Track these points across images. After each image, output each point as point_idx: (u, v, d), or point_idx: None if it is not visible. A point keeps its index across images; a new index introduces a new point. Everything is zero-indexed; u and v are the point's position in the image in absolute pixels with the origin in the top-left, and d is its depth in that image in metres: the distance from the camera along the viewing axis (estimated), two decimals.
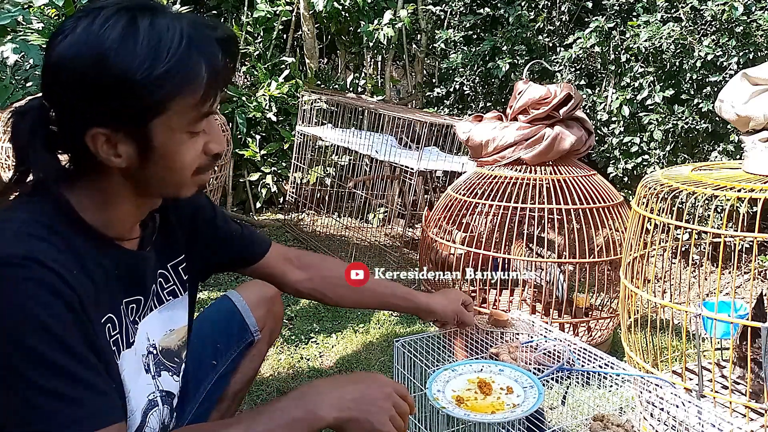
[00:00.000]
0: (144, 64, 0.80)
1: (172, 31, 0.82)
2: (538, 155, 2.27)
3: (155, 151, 0.86)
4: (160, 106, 0.83)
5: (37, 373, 0.75)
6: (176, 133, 0.86)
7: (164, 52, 0.81)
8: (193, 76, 0.83)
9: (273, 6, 4.30)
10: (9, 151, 3.13)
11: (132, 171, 0.88)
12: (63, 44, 0.82)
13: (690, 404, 1.21)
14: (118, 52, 0.80)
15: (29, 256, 0.77)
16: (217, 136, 0.92)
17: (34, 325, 0.76)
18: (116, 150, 0.85)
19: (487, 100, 4.10)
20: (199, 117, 0.87)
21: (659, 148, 3.33)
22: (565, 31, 3.88)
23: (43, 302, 0.77)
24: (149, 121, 0.84)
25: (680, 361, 1.91)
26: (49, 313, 0.77)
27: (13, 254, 0.77)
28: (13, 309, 0.76)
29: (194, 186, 0.94)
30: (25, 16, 3.21)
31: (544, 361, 1.43)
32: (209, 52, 0.85)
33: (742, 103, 1.70)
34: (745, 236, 2.05)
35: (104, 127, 0.83)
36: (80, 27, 0.81)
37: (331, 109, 3.82)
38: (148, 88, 0.81)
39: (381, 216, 3.87)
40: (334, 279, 1.37)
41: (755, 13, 3.03)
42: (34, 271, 0.77)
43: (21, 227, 0.81)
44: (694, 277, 3.05)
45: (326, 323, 2.55)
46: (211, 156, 0.93)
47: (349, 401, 0.92)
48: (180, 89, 0.83)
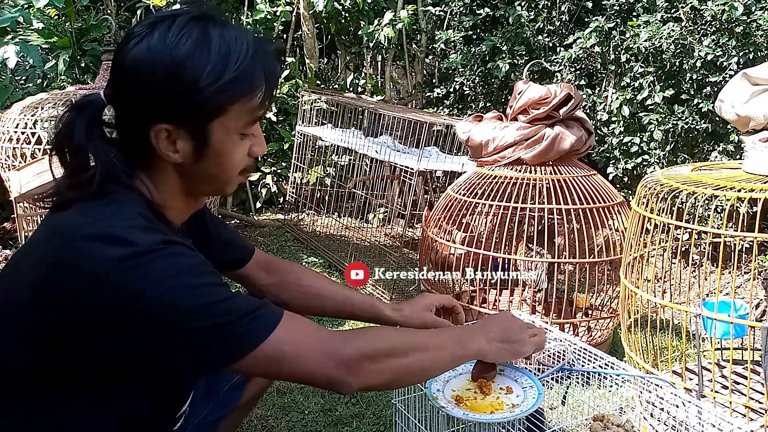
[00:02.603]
0: (215, 70, 0.88)
1: (240, 42, 0.91)
2: (538, 155, 2.27)
3: (210, 149, 0.93)
4: (222, 109, 0.91)
5: (217, 299, 0.87)
6: (231, 134, 0.94)
7: (233, 61, 0.90)
8: (255, 84, 0.92)
9: (273, 6, 4.30)
10: (9, 151, 3.13)
11: (185, 166, 0.95)
12: (140, 47, 0.89)
13: (690, 404, 1.21)
14: (194, 60, 0.88)
15: (163, 240, 0.87)
16: (260, 139, 1.01)
17: (194, 271, 0.88)
18: (175, 146, 0.92)
19: (487, 100, 4.10)
20: (253, 121, 0.96)
21: (659, 148, 3.33)
22: (565, 31, 3.88)
23: (190, 258, 0.90)
24: (210, 121, 0.91)
25: (680, 361, 1.91)
26: (199, 261, 0.91)
27: (153, 240, 0.86)
28: (174, 271, 0.86)
29: (236, 184, 1.02)
30: (25, 17, 3.21)
31: (544, 361, 1.43)
32: (269, 62, 0.94)
33: (742, 103, 1.70)
34: (745, 236, 2.05)
35: (169, 123, 0.90)
36: (156, 33, 0.89)
37: (331, 109, 3.82)
38: (216, 93, 0.89)
39: (381, 216, 3.87)
40: (296, 287, 1.37)
41: (755, 13, 3.03)
42: (175, 246, 0.89)
43: (136, 220, 0.89)
44: (694, 277, 3.05)
45: (326, 323, 2.55)
46: (253, 158, 1.00)
47: (496, 333, 1.15)
48: (242, 95, 0.91)
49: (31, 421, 0.92)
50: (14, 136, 3.10)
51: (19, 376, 0.91)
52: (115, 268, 0.83)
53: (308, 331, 0.95)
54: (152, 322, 0.84)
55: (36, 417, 0.92)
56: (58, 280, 0.85)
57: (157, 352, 0.87)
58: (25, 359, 0.90)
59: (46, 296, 0.86)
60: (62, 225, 0.90)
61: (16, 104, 3.28)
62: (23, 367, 0.90)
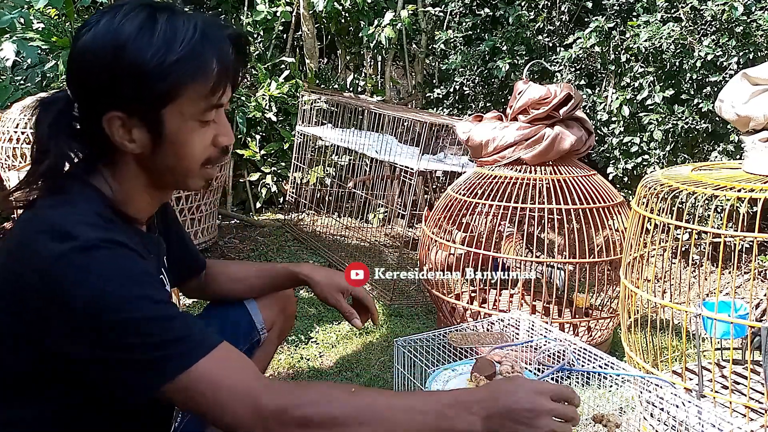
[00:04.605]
0: (158, 53, 0.86)
1: (187, 25, 0.89)
2: (538, 155, 2.27)
3: (166, 138, 0.91)
4: (171, 93, 0.89)
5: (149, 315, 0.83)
6: (187, 121, 0.92)
7: (178, 42, 0.87)
8: (204, 66, 0.89)
9: (273, 6, 4.30)
10: (9, 151, 3.13)
11: (145, 157, 0.93)
12: (87, 36, 0.89)
13: (690, 404, 1.21)
14: (135, 41, 0.86)
15: (110, 239, 0.85)
16: (226, 129, 0.97)
17: (133, 279, 0.84)
18: (131, 135, 0.91)
19: (487, 100, 4.10)
20: (210, 107, 0.92)
21: (659, 148, 3.33)
22: (565, 31, 3.88)
23: (134, 264, 0.86)
24: (162, 107, 0.89)
25: (680, 361, 1.91)
26: (142, 269, 0.87)
27: (97, 237, 0.84)
28: (112, 274, 0.82)
29: (202, 178, 0.99)
30: (24, 17, 3.21)
31: (544, 361, 1.43)
32: (220, 46, 0.91)
33: (742, 103, 1.70)
34: (745, 236, 2.05)
35: (120, 111, 0.89)
36: (103, 20, 0.89)
37: (331, 109, 3.82)
38: (161, 76, 0.87)
39: (381, 216, 3.87)
40: (221, 275, 1.38)
41: (755, 13, 3.03)
42: (121, 248, 0.86)
43: (87, 217, 0.87)
44: (694, 277, 3.05)
45: (326, 323, 2.55)
46: (220, 148, 0.97)
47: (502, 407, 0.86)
48: (191, 78, 0.89)
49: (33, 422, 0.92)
50: (14, 136, 3.11)
51: (12, 376, 0.91)
52: (55, 263, 0.82)
53: (238, 370, 0.85)
54: (83, 325, 0.82)
55: (37, 418, 0.92)
56: (11, 278, 0.86)
57: (91, 360, 0.84)
58: (21, 361, 0.90)
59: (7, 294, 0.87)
60: (20, 221, 0.90)
61: (16, 104, 3.28)
62: (22, 367, 0.90)
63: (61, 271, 0.81)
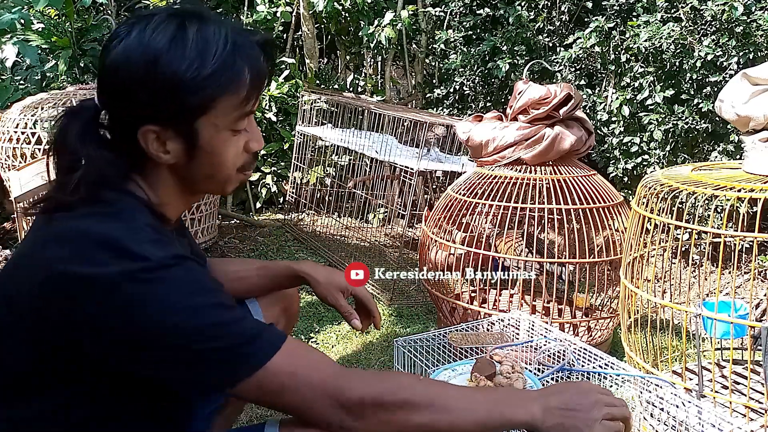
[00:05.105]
0: (192, 66, 0.87)
1: (218, 35, 0.89)
2: (538, 155, 2.27)
3: (201, 148, 0.92)
4: (206, 106, 0.89)
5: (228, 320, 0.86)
6: (221, 131, 0.92)
7: (211, 55, 0.88)
8: (237, 77, 0.90)
9: (273, 6, 4.30)
10: (9, 151, 3.13)
11: (179, 167, 0.94)
12: (118, 49, 0.88)
13: (690, 404, 1.21)
14: (168, 55, 0.87)
15: (175, 254, 0.87)
16: (256, 134, 0.99)
17: (206, 289, 0.88)
18: (165, 147, 0.91)
19: (487, 100, 4.10)
20: (242, 116, 0.94)
21: (659, 148, 3.33)
22: (565, 31, 3.88)
23: (201, 274, 0.90)
24: (196, 119, 0.90)
25: (680, 361, 1.91)
26: (208, 277, 0.91)
27: (166, 257, 0.85)
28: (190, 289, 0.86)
29: (237, 182, 1.01)
30: (24, 17, 3.21)
31: (544, 361, 1.43)
32: (252, 55, 0.92)
33: (742, 103, 1.70)
34: (745, 236, 2.05)
35: (155, 124, 0.89)
36: (134, 33, 0.88)
37: (331, 109, 3.82)
38: (195, 89, 0.87)
39: (381, 216, 3.87)
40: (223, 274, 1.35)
41: (755, 13, 3.03)
42: (187, 261, 0.88)
43: (143, 233, 0.88)
44: (694, 277, 3.05)
45: (326, 323, 2.55)
46: (251, 154, 0.99)
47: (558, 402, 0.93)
48: (225, 90, 0.89)
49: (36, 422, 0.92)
50: (14, 136, 3.10)
51: (18, 377, 0.91)
52: (124, 281, 0.82)
53: (311, 362, 0.90)
54: (156, 336, 0.84)
55: (40, 419, 0.91)
56: (60, 287, 0.84)
57: (156, 365, 0.86)
58: (24, 360, 0.90)
59: (47, 300, 0.85)
60: (66, 229, 0.87)
61: (16, 104, 3.28)
62: (22, 367, 0.90)
63: (133, 289, 0.82)
